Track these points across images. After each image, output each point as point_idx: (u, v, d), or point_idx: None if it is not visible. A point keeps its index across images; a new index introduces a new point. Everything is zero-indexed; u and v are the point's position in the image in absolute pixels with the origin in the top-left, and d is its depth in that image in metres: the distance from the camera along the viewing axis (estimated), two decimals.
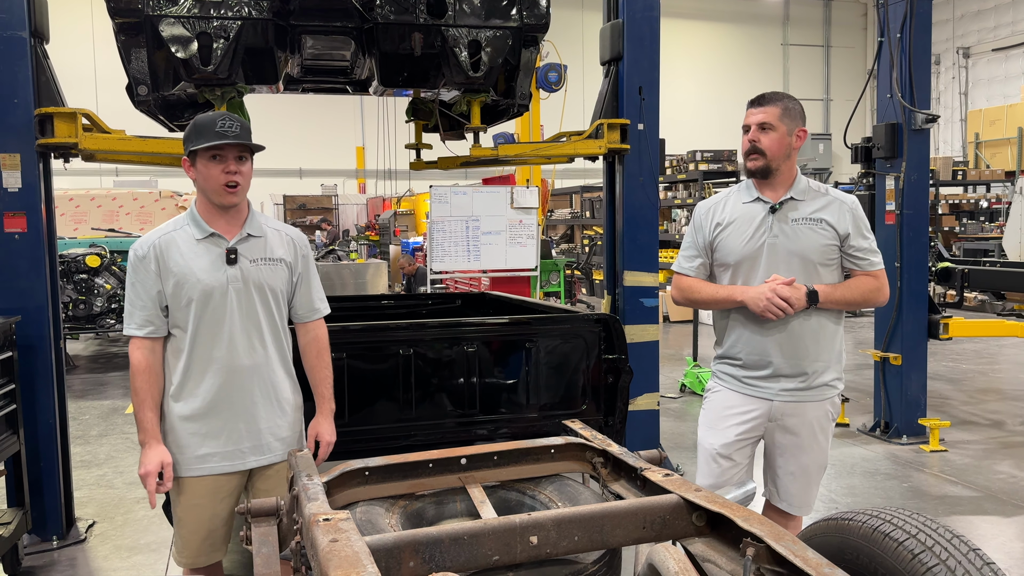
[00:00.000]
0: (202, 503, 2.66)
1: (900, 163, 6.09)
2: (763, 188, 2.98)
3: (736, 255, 2.97)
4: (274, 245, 2.74)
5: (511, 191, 8.99)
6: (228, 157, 2.57)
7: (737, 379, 3.03)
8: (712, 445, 3.05)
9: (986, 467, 5.66)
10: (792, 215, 2.92)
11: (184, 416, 2.64)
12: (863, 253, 2.93)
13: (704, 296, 3.05)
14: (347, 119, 22.72)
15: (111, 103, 8.18)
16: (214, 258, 2.64)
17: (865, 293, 2.93)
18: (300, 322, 2.86)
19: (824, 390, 2.96)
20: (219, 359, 2.63)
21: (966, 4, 22.96)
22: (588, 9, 20.89)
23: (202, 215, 2.66)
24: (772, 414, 2.97)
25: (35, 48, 4.29)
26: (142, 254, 2.63)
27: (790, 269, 2.89)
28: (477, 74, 4.22)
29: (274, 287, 2.72)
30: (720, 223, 3.02)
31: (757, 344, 2.95)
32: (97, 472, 5.81)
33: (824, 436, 3.00)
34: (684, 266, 3.12)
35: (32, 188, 4.28)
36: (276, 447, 2.73)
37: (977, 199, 16.57)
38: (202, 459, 2.65)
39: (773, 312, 2.82)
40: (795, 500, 3.03)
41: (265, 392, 2.70)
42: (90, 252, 9.85)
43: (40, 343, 4.35)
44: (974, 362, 9.67)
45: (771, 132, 2.90)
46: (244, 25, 3.90)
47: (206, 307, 2.61)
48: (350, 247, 16.40)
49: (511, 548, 1.65)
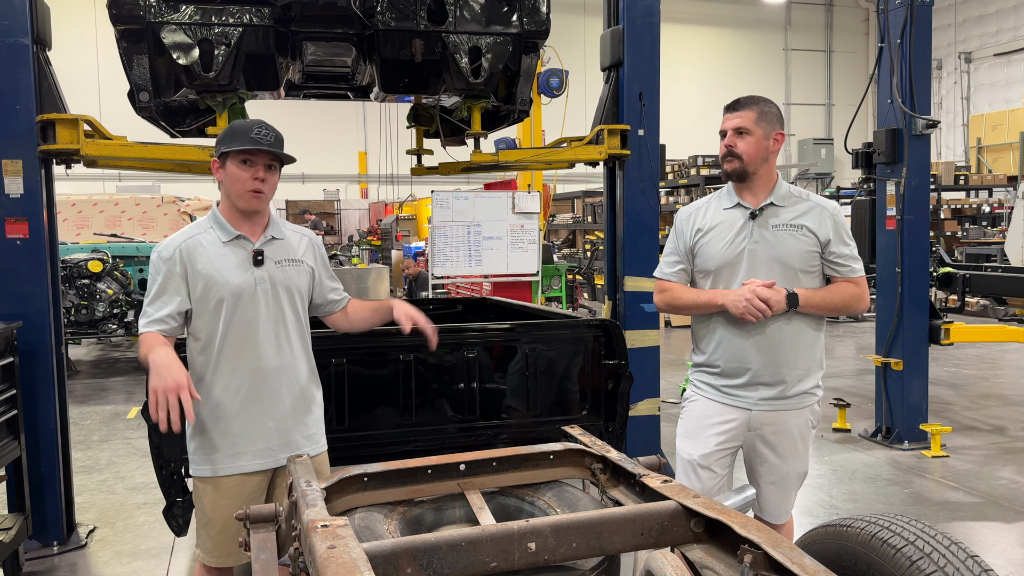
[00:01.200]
0: (231, 502, 2.67)
1: (901, 168, 6.09)
2: (743, 193, 2.97)
3: (716, 261, 2.96)
4: (295, 247, 2.81)
5: (512, 196, 9.00)
6: (258, 164, 2.61)
7: (715, 388, 3.01)
8: (691, 455, 3.03)
9: (988, 473, 5.65)
10: (773, 221, 2.91)
11: (215, 417, 2.66)
12: (844, 260, 2.91)
13: (685, 301, 3.04)
14: (349, 124, 22.78)
15: (114, 109, 8.20)
16: (241, 260, 2.68)
17: (846, 299, 2.91)
18: (337, 311, 2.95)
19: (804, 398, 2.94)
20: (248, 359, 2.67)
21: (968, 9, 22.99)
22: (590, 14, 20.93)
23: (226, 218, 2.70)
24: (751, 423, 2.95)
25: (37, 55, 4.31)
26: (167, 255, 2.65)
27: (771, 275, 2.87)
28: (478, 80, 4.23)
29: (300, 287, 2.78)
30: (701, 229, 3.01)
31: (736, 349, 2.93)
32: (98, 477, 5.82)
33: (804, 445, 2.98)
34: (666, 272, 3.11)
35: (34, 194, 4.30)
36: (304, 444, 2.77)
37: (979, 204, 16.56)
38: (235, 458, 2.68)
39: (752, 314, 2.79)
40: (774, 509, 3.02)
41: (292, 391, 2.75)
42: (92, 257, 9.87)
43: (41, 348, 4.36)
44: (976, 367, 9.66)
45: (747, 136, 2.90)
46: (245, 32, 3.91)
47: (235, 308, 2.65)
48: (352, 252, 16.42)
49: (509, 555, 1.65)
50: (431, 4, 4.10)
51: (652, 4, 5.08)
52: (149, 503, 5.18)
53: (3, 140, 4.24)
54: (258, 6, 3.91)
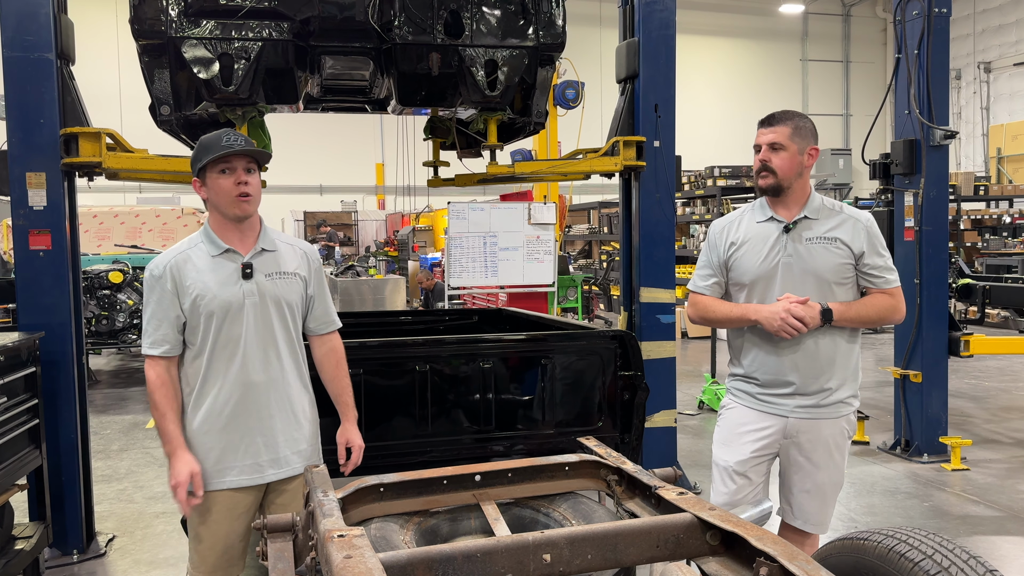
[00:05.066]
0: (219, 518, 2.67)
1: (919, 179, 6.06)
2: (777, 207, 2.99)
3: (751, 275, 2.98)
4: (288, 259, 2.78)
5: (528, 207, 9.02)
6: (237, 168, 2.62)
7: (752, 396, 3.03)
8: (727, 462, 3.04)
9: (1009, 486, 5.59)
10: (806, 234, 2.92)
11: (202, 431, 2.66)
12: (878, 271, 2.92)
13: (719, 315, 3.05)
14: (367, 136, 22.94)
15: (135, 122, 8.32)
16: (230, 273, 2.67)
17: (880, 311, 2.92)
18: (316, 335, 2.89)
19: (840, 407, 2.95)
20: (236, 374, 2.65)
21: (987, 19, 22.84)
22: (606, 27, 20.95)
23: (216, 232, 2.70)
24: (787, 431, 2.96)
25: (61, 69, 4.38)
26: (158, 274, 2.66)
27: (805, 288, 2.89)
28: (494, 93, 4.25)
29: (290, 301, 2.75)
30: (735, 242, 3.03)
31: (773, 363, 2.95)
32: (117, 487, 5.86)
33: (840, 454, 2.98)
34: (699, 285, 3.13)
35: (57, 206, 4.36)
36: (294, 460, 2.75)
37: (1000, 214, 16.39)
38: (220, 473, 2.66)
39: (787, 331, 2.81)
40: (811, 518, 3.01)
41: (281, 406, 2.72)
42: (113, 268, 9.99)
43: (63, 359, 4.42)
44: (997, 379, 9.55)
45: (782, 152, 2.91)
46: (265, 46, 3.96)
47: (224, 322, 2.64)
48: (369, 263, 16.49)
49: (524, 566, 1.65)
50: (448, 18, 4.14)
51: (668, 16, 5.10)
52: (168, 512, 5.21)
53: (27, 153, 4.31)
54: (277, 21, 3.96)
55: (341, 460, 2.90)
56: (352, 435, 2.90)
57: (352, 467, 2.90)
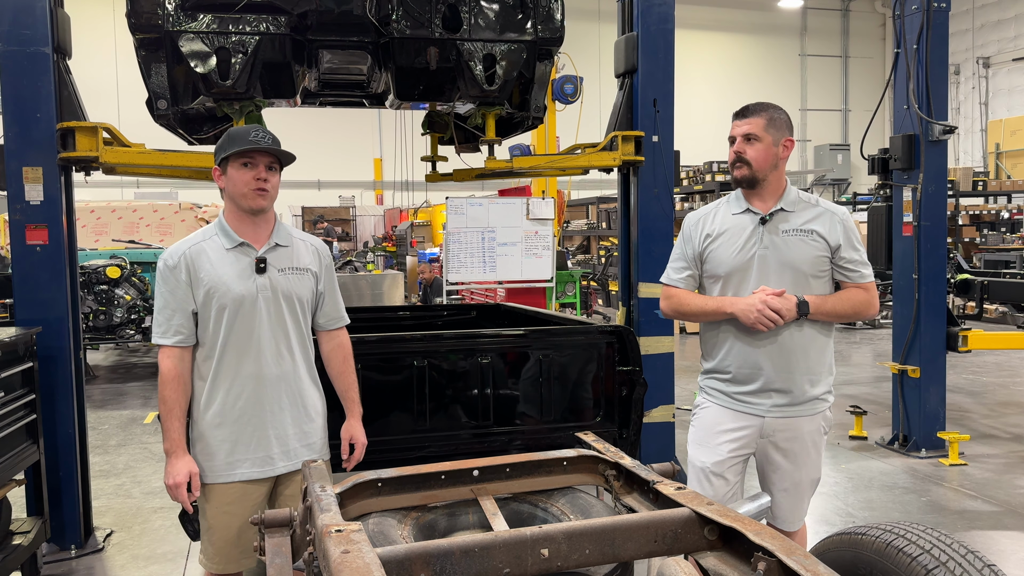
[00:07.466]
0: (232, 510, 2.69)
1: (917, 174, 6.05)
2: (752, 199, 2.97)
3: (726, 266, 2.95)
4: (301, 254, 2.80)
5: (527, 202, 9.02)
6: (259, 164, 2.64)
7: (727, 395, 2.99)
8: (704, 463, 3.00)
9: (1007, 481, 5.59)
10: (783, 226, 2.91)
11: (214, 424, 2.68)
12: (854, 265, 2.91)
13: (694, 308, 3.02)
14: (365, 131, 22.91)
15: (132, 117, 8.30)
16: (244, 267, 2.68)
17: (856, 305, 2.91)
18: (324, 330, 2.91)
19: (816, 404, 2.93)
20: (248, 368, 2.67)
21: (986, 14, 22.82)
22: (604, 21, 20.94)
23: (231, 225, 2.71)
24: (764, 430, 2.94)
25: (57, 63, 4.36)
26: (172, 264, 2.66)
27: (781, 280, 2.87)
28: (492, 87, 4.24)
29: (301, 296, 2.77)
30: (710, 234, 3.01)
31: (747, 356, 2.92)
32: (115, 482, 5.86)
33: (816, 451, 2.97)
34: (673, 277, 3.10)
35: (53, 201, 4.35)
36: (304, 453, 2.77)
37: (998, 210, 16.41)
38: (232, 465, 2.68)
39: (764, 324, 2.79)
40: (787, 516, 3.00)
41: (292, 400, 2.75)
42: (110, 263, 9.97)
43: (60, 354, 4.41)
44: (995, 375, 9.56)
45: (756, 143, 2.90)
46: (262, 40, 3.95)
47: (236, 316, 2.65)
48: (367, 258, 16.49)
49: (522, 561, 1.65)
50: (446, 12, 4.13)
51: (667, 11, 5.08)
52: (165, 507, 5.21)
53: (24, 148, 4.29)
54: (275, 15, 3.95)
55: (344, 456, 2.91)
56: (356, 431, 2.92)
57: (354, 463, 2.92)
